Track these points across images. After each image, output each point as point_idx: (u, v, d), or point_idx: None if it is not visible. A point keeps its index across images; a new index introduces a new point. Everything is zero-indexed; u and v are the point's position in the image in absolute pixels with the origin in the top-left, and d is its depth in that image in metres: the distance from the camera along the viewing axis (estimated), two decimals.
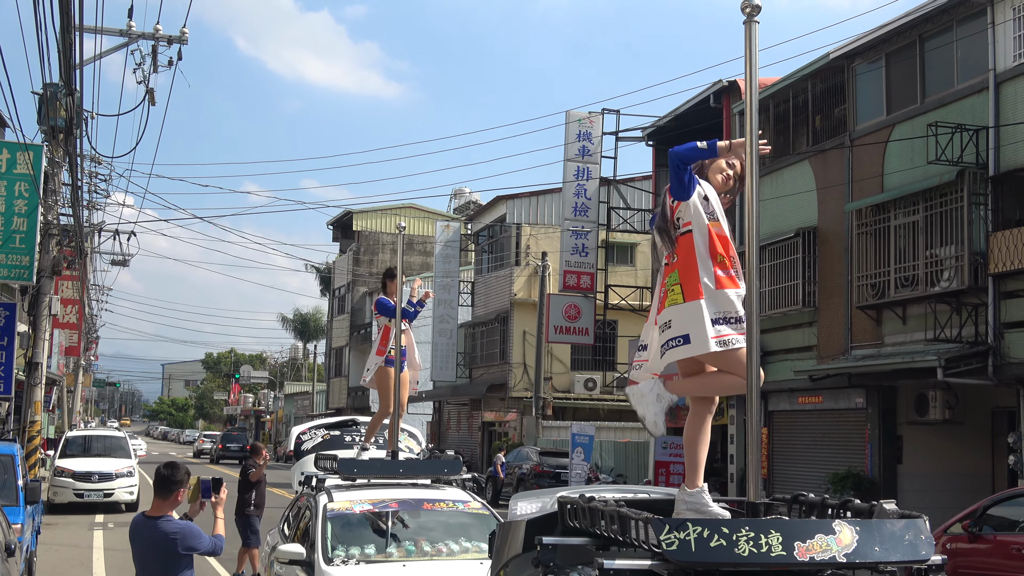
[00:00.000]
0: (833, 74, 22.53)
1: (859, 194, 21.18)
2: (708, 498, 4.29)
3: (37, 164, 21.22)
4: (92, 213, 37.99)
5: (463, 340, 46.12)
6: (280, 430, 75.72)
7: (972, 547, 12.69)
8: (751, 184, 4.00)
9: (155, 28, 21.52)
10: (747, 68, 4.00)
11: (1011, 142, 17.70)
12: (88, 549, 18.51)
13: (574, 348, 38.63)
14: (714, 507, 4.26)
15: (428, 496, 8.83)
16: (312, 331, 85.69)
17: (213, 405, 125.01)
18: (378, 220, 60.24)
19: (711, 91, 25.99)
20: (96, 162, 33.01)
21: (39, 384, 24.21)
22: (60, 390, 44.08)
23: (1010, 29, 17.89)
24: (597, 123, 33.45)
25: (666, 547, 3.51)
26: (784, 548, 3.56)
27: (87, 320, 51.12)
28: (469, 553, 8.15)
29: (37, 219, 21.80)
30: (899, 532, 3.72)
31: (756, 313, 3.97)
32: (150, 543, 6.48)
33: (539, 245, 39.72)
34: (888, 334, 20.34)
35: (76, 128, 21.60)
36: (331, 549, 8.00)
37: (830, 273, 22.04)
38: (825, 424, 22.69)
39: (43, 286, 23.82)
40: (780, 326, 23.46)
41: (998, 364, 17.71)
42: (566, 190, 33.71)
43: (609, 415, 38.25)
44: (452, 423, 49.29)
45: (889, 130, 20.63)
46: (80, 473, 25.13)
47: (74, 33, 14.82)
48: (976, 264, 18.08)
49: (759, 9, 3.94)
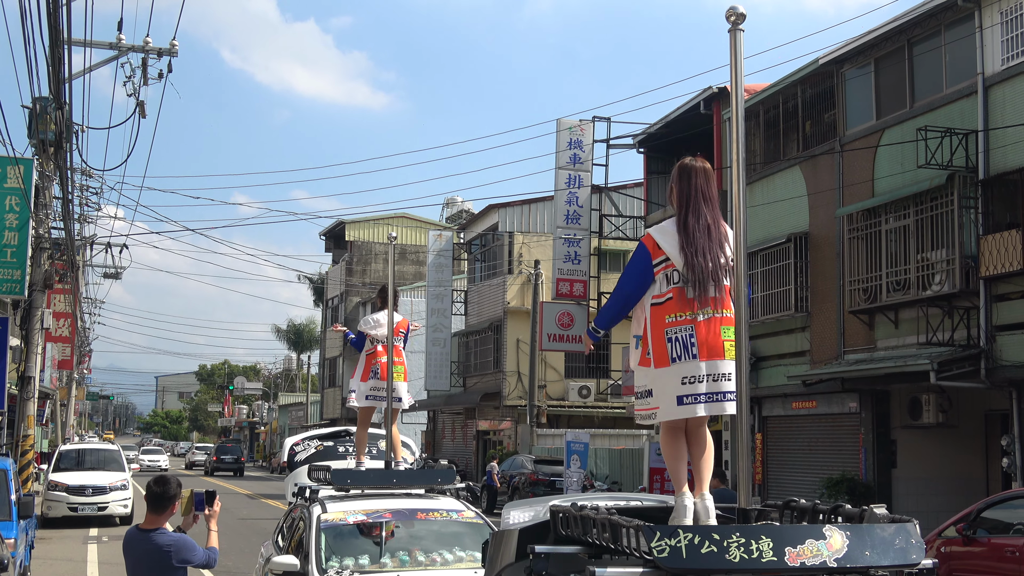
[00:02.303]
0: (822, 79, 22.60)
1: (850, 199, 21.24)
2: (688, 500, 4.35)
3: (28, 178, 21.18)
4: (84, 226, 37.99)
5: (456, 349, 46.10)
6: (274, 441, 75.59)
7: (967, 550, 12.69)
8: (738, 191, 4.02)
9: (145, 41, 21.49)
10: (732, 75, 4.03)
11: (1000, 145, 17.77)
12: (82, 563, 18.46)
13: (568, 356, 38.65)
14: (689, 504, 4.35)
15: (422, 506, 8.82)
16: (306, 342, 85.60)
17: (207, 417, 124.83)
18: (370, 230, 60.25)
19: (701, 98, 26.06)
20: (87, 175, 33.01)
21: (32, 398, 24.12)
22: (53, 404, 43.93)
23: (998, 33, 17.96)
24: (588, 131, 33.51)
25: (657, 554, 3.52)
26: (775, 554, 3.57)
27: (80, 333, 51.02)
28: (463, 563, 8.14)
29: (28, 233, 21.74)
30: (889, 536, 3.73)
31: (745, 320, 3.99)
32: (144, 556, 6.47)
33: (532, 253, 39.74)
34: (881, 338, 20.38)
35: (66, 141, 21.57)
36: (325, 560, 7.98)
37: (822, 278, 22.09)
38: (819, 429, 22.72)
39: (35, 300, 23.76)
40: (773, 331, 23.50)
41: (990, 367, 17.76)
42: (558, 198, 33.76)
43: (604, 422, 38.22)
44: (446, 432, 49.25)
45: (879, 135, 20.70)
46: (74, 487, 25.05)
47: (63, 47, 14.82)
48: (967, 267, 18.13)
49: (744, 17, 3.97)
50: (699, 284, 4.44)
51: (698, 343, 4.42)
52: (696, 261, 4.45)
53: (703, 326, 4.43)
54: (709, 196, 4.66)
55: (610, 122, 33.13)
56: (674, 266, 4.52)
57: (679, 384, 4.43)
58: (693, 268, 4.45)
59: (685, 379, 4.42)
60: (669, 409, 4.48)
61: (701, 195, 4.64)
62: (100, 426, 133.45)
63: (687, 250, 4.49)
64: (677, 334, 4.45)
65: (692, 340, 4.42)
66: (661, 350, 4.48)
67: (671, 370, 4.44)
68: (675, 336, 4.45)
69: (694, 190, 4.65)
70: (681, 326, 4.45)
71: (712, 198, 4.67)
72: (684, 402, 4.43)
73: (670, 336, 4.46)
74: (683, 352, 4.43)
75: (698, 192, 4.65)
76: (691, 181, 4.69)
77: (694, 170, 4.72)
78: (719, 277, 4.48)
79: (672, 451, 4.59)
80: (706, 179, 4.71)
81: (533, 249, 40.03)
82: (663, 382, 4.48)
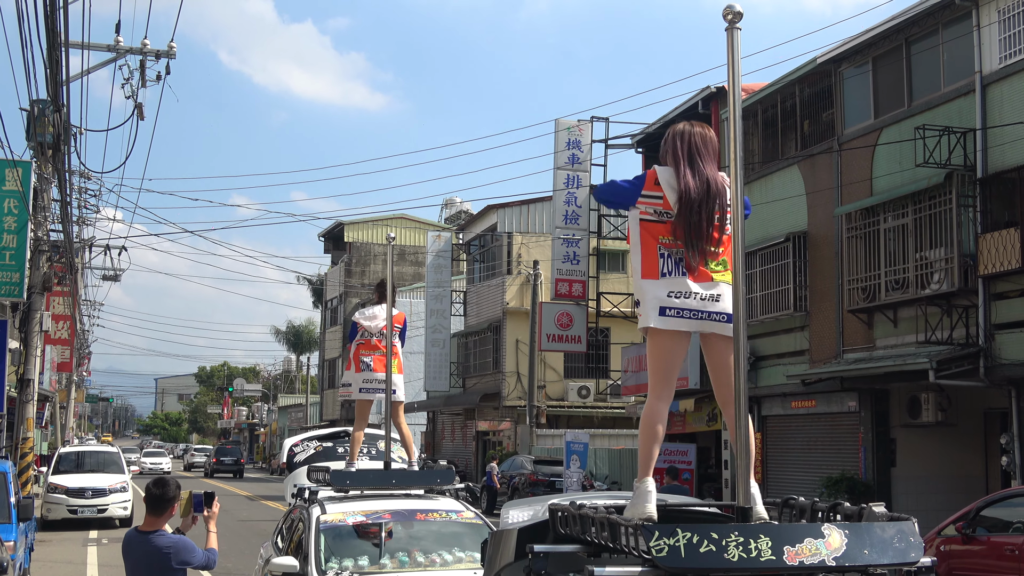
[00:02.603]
0: (820, 79, 22.61)
1: (848, 198, 21.24)
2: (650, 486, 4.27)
3: (26, 180, 21.20)
4: (82, 228, 37.99)
5: (456, 350, 46.11)
6: (274, 443, 75.56)
7: (966, 548, 12.70)
8: (736, 190, 4.02)
9: (143, 43, 21.50)
10: (730, 73, 4.02)
11: (998, 144, 17.77)
12: (82, 565, 18.46)
13: (567, 356, 38.63)
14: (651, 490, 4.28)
15: (421, 506, 8.82)
16: (305, 343, 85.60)
17: (207, 419, 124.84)
18: (369, 231, 60.25)
19: (699, 97, 26.06)
20: (85, 177, 33.03)
21: (31, 400, 24.14)
22: (53, 406, 43.92)
23: (995, 31, 17.97)
24: (586, 131, 33.52)
25: (656, 553, 3.52)
26: (773, 553, 3.56)
27: (79, 336, 51.01)
28: (463, 563, 8.15)
29: (27, 235, 21.76)
30: (888, 535, 3.73)
31: (743, 319, 3.98)
32: (143, 558, 6.47)
33: (530, 253, 39.75)
34: (880, 337, 20.39)
35: (64, 144, 21.58)
36: (324, 561, 7.99)
37: (821, 277, 22.09)
38: (818, 428, 22.73)
39: (34, 302, 23.77)
40: (772, 331, 23.50)
41: (989, 365, 17.76)
42: (556, 198, 33.76)
43: (603, 423, 38.24)
44: (446, 433, 49.26)
45: (877, 134, 20.71)
46: (73, 489, 25.05)
47: (61, 49, 14.82)
48: (966, 266, 18.14)
49: (741, 16, 3.96)
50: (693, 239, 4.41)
51: (687, 264, 4.39)
52: (691, 219, 4.41)
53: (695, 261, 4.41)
54: (706, 152, 4.63)
55: (608, 122, 33.14)
56: (669, 208, 4.47)
57: (665, 296, 4.36)
58: (688, 225, 4.41)
59: (672, 293, 4.37)
60: (652, 316, 4.37)
61: (697, 151, 4.61)
62: (100, 428, 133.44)
63: (683, 207, 4.44)
64: (671, 254, 4.41)
65: (682, 261, 4.39)
66: (652, 262, 4.42)
67: (659, 282, 4.38)
68: (667, 254, 4.41)
69: (691, 146, 4.63)
70: (675, 248, 4.41)
71: (707, 154, 4.63)
72: (667, 313, 4.36)
73: (663, 252, 4.41)
74: (673, 269, 4.38)
75: (694, 148, 4.62)
76: (685, 139, 4.67)
77: (689, 131, 4.71)
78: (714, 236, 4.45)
79: (649, 427, 4.46)
80: (703, 138, 4.68)
81: (532, 249, 40.04)
82: (649, 291, 4.40)
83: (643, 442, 4.48)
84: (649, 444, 4.45)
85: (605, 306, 33.37)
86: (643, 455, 4.46)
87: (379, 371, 10.15)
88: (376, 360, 10.26)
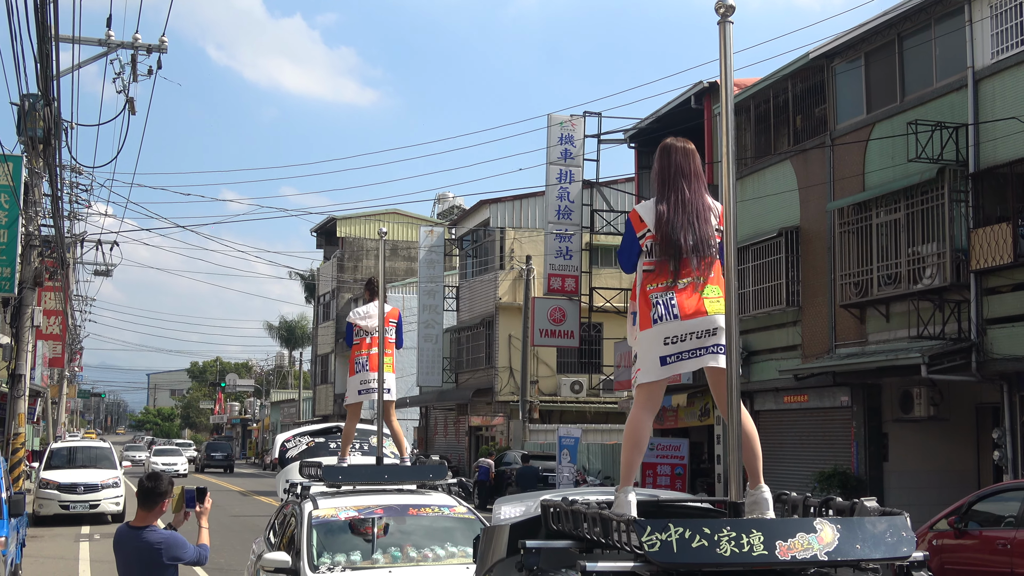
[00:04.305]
0: (813, 74, 22.61)
1: (841, 193, 21.25)
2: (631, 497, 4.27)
3: (17, 175, 21.16)
4: (74, 223, 37.92)
5: (448, 345, 46.09)
6: (267, 438, 75.50)
7: (958, 543, 12.73)
8: (728, 185, 4.02)
9: (134, 37, 21.42)
10: (722, 68, 4.02)
11: (990, 139, 17.78)
12: (74, 561, 18.43)
13: (560, 351, 38.65)
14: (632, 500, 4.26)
15: (413, 502, 8.82)
16: (298, 338, 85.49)
17: (199, 414, 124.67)
18: (362, 226, 60.17)
19: (691, 92, 26.04)
20: (77, 172, 32.95)
21: (23, 396, 24.10)
22: (44, 402, 43.84)
23: (987, 26, 17.98)
24: (579, 126, 33.47)
25: (648, 549, 3.51)
26: (766, 547, 3.56)
27: (71, 331, 50.89)
28: (455, 558, 8.15)
29: (18, 230, 21.72)
30: (880, 530, 3.73)
31: (735, 314, 3.98)
32: (135, 553, 6.46)
33: (523, 249, 39.73)
34: (872, 332, 20.41)
35: (55, 139, 21.51)
36: (316, 556, 7.98)
37: (813, 272, 22.11)
38: (811, 423, 22.75)
39: (25, 297, 23.73)
40: (764, 326, 23.53)
41: (981, 360, 17.78)
42: (549, 193, 33.73)
43: (596, 417, 38.27)
44: (439, 428, 49.25)
45: (869, 129, 20.71)
46: (65, 484, 25.01)
47: (51, 43, 14.76)
48: (958, 261, 18.16)
49: (733, 9, 3.96)
50: (674, 258, 4.46)
51: (679, 305, 4.42)
52: (671, 235, 4.48)
53: (684, 292, 4.44)
54: (688, 172, 4.68)
55: (601, 117, 33.09)
56: (656, 238, 4.54)
57: (662, 345, 4.41)
58: (668, 242, 4.49)
59: (668, 339, 4.41)
60: (653, 370, 4.44)
61: (680, 171, 4.67)
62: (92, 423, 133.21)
63: (663, 226, 4.52)
64: (659, 298, 4.46)
65: (673, 302, 4.42)
66: (645, 313, 4.49)
67: (653, 331, 4.43)
68: (658, 300, 4.46)
69: (673, 167, 4.69)
70: (662, 292, 4.46)
71: (690, 173, 4.68)
72: (668, 362, 4.42)
73: (654, 300, 4.47)
74: (665, 313, 4.42)
75: (677, 169, 4.68)
76: (670, 158, 4.74)
77: (673, 148, 4.77)
78: (700, 250, 4.49)
79: (634, 437, 4.48)
80: (685, 156, 4.74)
81: (525, 245, 40.02)
82: (647, 344, 4.46)
83: (626, 451, 4.50)
84: (631, 454, 4.48)
85: (598, 301, 33.37)
86: (625, 464, 4.47)
87: (374, 370, 10.14)
88: (371, 359, 10.25)
